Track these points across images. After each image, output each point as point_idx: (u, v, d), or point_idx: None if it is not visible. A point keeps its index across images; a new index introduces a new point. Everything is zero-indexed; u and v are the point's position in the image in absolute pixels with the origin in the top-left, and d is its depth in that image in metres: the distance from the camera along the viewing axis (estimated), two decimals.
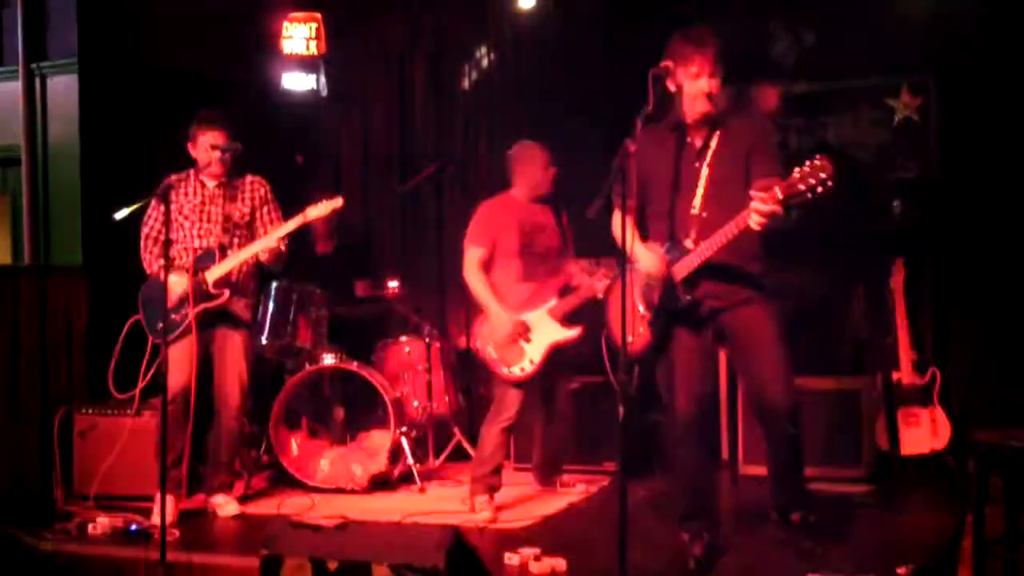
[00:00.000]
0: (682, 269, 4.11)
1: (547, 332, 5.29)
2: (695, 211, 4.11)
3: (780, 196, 3.71)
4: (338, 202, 5.17)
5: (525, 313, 5.30)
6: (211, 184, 5.35)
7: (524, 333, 5.27)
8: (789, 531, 4.29)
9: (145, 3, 6.41)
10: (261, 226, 5.39)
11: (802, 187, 3.65)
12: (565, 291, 5.36)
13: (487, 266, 5.37)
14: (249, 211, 5.38)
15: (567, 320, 5.31)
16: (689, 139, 4.20)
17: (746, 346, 4.20)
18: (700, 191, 4.12)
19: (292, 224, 5.20)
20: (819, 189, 3.63)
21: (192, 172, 5.33)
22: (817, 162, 3.64)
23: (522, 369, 5.26)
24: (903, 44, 6.15)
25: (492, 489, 5.25)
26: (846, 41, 6.28)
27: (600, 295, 5.23)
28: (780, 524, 4.36)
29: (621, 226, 3.89)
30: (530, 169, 5.44)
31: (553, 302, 5.32)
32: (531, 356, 5.26)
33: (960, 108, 6.12)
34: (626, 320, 4.20)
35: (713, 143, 4.15)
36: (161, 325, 4.76)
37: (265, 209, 5.42)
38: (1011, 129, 5.94)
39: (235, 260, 5.24)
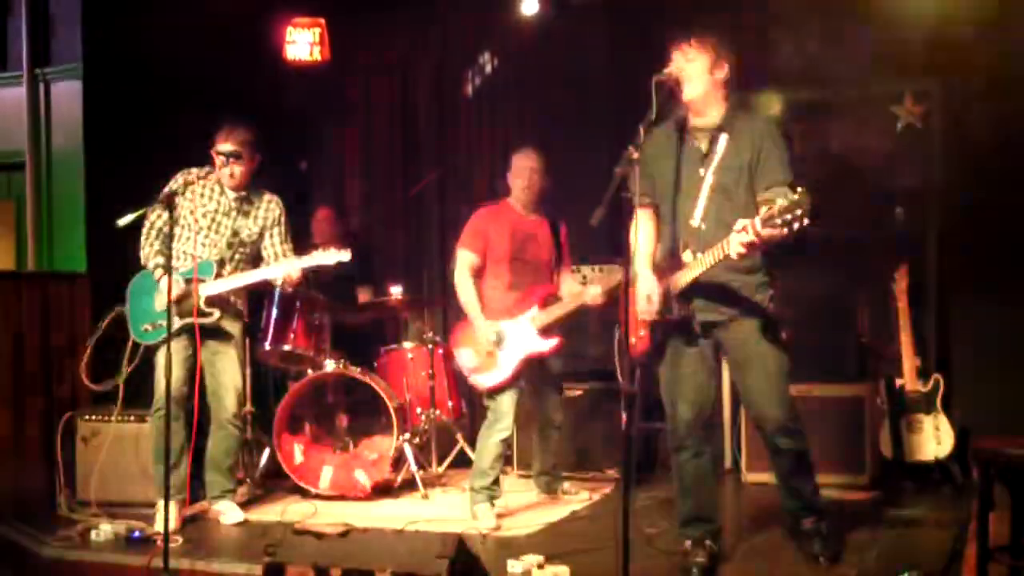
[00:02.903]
0: (675, 283, 4.11)
1: (523, 342, 5.29)
2: (694, 223, 4.11)
3: (759, 229, 3.68)
4: (345, 255, 5.13)
5: (505, 321, 5.32)
6: (231, 195, 5.33)
7: (499, 342, 5.28)
8: (799, 538, 4.30)
9: (149, 9, 6.42)
10: (270, 246, 5.39)
11: (779, 221, 3.60)
12: (548, 302, 5.37)
13: (479, 271, 5.41)
14: (259, 231, 5.37)
15: (546, 331, 5.32)
16: (696, 142, 4.18)
17: (740, 361, 4.22)
18: (702, 201, 4.10)
19: (295, 265, 5.19)
20: (795, 225, 3.59)
21: (214, 173, 5.32)
22: (796, 196, 3.59)
23: (492, 378, 5.28)
24: (906, 52, 6.15)
25: (492, 498, 5.26)
26: (849, 49, 6.28)
27: (594, 303, 5.26)
28: (791, 531, 4.37)
29: (632, 231, 3.90)
30: (520, 176, 5.48)
31: (533, 311, 5.33)
32: (503, 365, 5.27)
33: (963, 116, 6.11)
34: (629, 324, 4.23)
35: (719, 148, 4.12)
36: (146, 326, 4.71)
37: (275, 230, 5.41)
38: (1014, 137, 5.93)
39: (230, 284, 5.22)
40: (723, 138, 4.12)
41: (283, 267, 5.23)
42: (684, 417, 4.24)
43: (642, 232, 4.32)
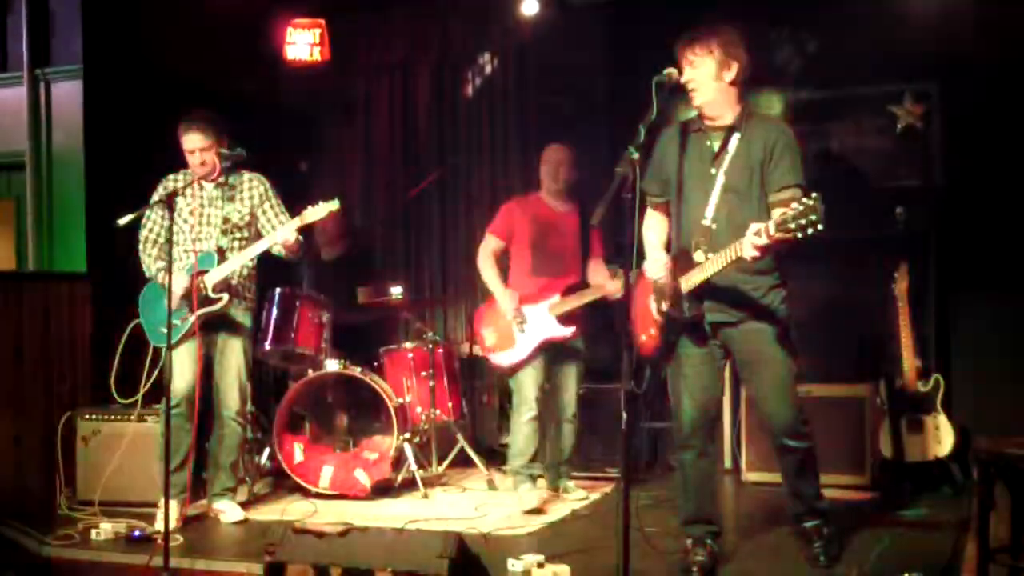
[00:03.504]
0: (687, 282, 4.12)
1: (541, 327, 5.46)
2: (706, 222, 4.10)
3: (772, 233, 3.65)
4: (334, 205, 5.17)
5: (527, 305, 5.49)
6: (209, 186, 5.34)
7: (520, 323, 5.47)
8: (800, 538, 4.31)
9: (149, 10, 6.43)
10: (266, 223, 5.39)
11: (792, 226, 3.58)
12: (570, 290, 5.49)
13: (501, 256, 5.67)
14: (248, 211, 5.38)
15: (565, 319, 5.46)
16: (708, 141, 4.16)
17: (748, 362, 4.21)
18: (714, 200, 4.09)
19: (289, 227, 5.20)
20: (808, 230, 3.57)
21: (191, 170, 5.34)
22: (809, 202, 3.57)
23: (508, 358, 5.50)
24: (906, 52, 6.16)
25: (534, 476, 5.47)
26: (849, 49, 6.29)
27: (615, 294, 5.35)
28: (793, 531, 4.38)
29: (637, 229, 3.90)
30: (548, 169, 5.65)
31: (555, 299, 5.49)
32: (520, 346, 5.47)
33: (963, 115, 6.12)
34: (639, 322, 4.25)
35: (731, 147, 4.10)
36: (163, 330, 4.75)
37: (267, 206, 5.41)
38: (1014, 136, 5.93)
39: (233, 264, 5.25)
40: (736, 138, 4.10)
41: (278, 233, 5.23)
42: (690, 417, 4.24)
43: (654, 231, 4.34)
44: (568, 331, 5.45)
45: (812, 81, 6.50)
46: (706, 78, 4.07)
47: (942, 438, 5.63)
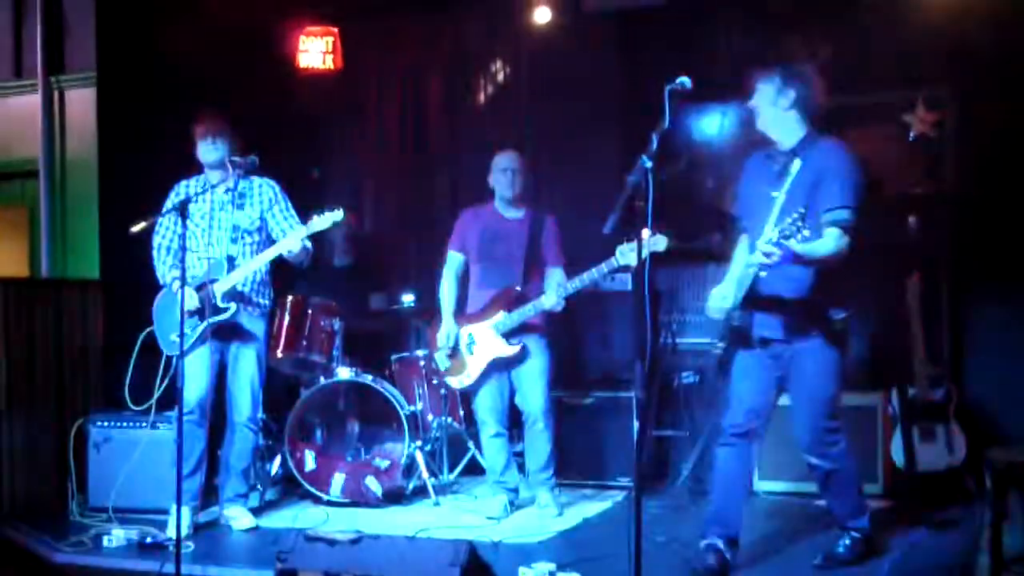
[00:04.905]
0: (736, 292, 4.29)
1: (488, 347, 5.45)
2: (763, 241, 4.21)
3: (774, 239, 3.91)
4: (339, 215, 5.16)
5: (473, 324, 5.48)
6: (219, 191, 5.35)
7: (468, 345, 5.48)
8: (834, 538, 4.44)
9: (162, 18, 6.45)
10: (275, 226, 5.39)
11: (787, 232, 3.86)
12: (514, 306, 5.42)
13: (465, 271, 5.65)
14: (258, 216, 5.38)
15: (510, 336, 5.42)
16: (774, 165, 4.33)
17: (789, 379, 4.34)
18: (772, 220, 4.20)
19: (295, 236, 5.18)
20: (791, 238, 3.86)
21: (204, 178, 5.36)
22: (795, 214, 3.86)
23: (460, 382, 5.53)
24: (919, 59, 6.14)
25: (507, 489, 5.49)
26: (862, 56, 6.27)
27: (553, 308, 5.33)
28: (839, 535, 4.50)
29: (649, 235, 3.97)
30: (499, 176, 5.60)
31: (500, 316, 5.43)
32: (470, 369, 5.48)
33: (977, 123, 6.10)
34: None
35: (792, 170, 4.24)
36: (175, 337, 4.77)
37: (276, 209, 5.41)
38: None
39: (242, 272, 5.25)
40: (796, 162, 4.26)
41: (283, 243, 5.21)
42: (733, 418, 4.37)
43: (735, 264, 4.48)
44: (514, 349, 5.41)
45: (824, 88, 6.47)
46: (765, 103, 4.33)
47: (955, 447, 5.60)
